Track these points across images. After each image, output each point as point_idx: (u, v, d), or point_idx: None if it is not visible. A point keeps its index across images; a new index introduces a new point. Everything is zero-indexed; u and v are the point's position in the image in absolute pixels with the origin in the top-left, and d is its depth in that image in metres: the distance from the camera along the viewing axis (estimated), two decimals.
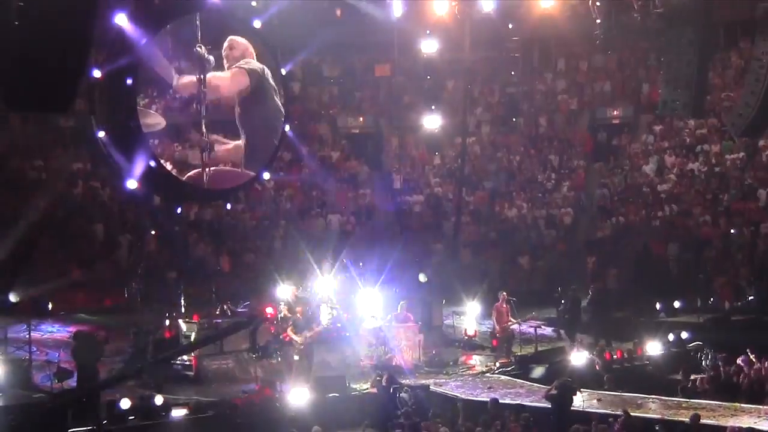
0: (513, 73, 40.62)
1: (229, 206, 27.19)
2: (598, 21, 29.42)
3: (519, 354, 23.82)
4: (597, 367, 22.10)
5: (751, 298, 27.60)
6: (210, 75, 21.36)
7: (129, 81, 19.74)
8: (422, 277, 26.92)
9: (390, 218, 35.15)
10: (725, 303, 27.79)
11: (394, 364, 22.62)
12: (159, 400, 17.79)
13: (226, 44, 21.65)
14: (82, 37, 11.88)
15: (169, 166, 20.97)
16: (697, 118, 34.90)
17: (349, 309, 25.30)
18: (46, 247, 25.68)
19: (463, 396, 19.87)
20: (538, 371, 22.46)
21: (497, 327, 24.03)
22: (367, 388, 20.45)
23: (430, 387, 20.72)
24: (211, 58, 21.33)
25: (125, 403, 17.13)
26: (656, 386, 20.73)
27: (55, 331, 23.66)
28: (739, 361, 20.82)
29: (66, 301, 24.89)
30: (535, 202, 35.53)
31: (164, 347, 21.62)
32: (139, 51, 19.66)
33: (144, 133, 20.28)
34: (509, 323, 23.87)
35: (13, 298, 21.99)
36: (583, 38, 38.21)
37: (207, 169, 21.53)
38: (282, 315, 22.26)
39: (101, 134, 20.18)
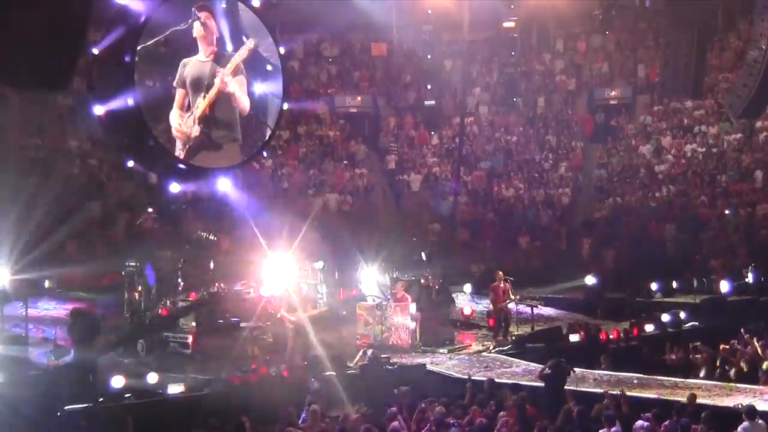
0: (513, 53, 40.65)
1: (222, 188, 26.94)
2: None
3: (516, 333, 23.89)
4: None
5: (748, 278, 27.64)
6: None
7: (127, 58, 19.65)
8: (424, 256, 26.90)
9: (388, 198, 35.20)
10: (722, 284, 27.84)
11: (390, 343, 22.74)
12: (153, 378, 17.76)
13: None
14: (81, 14, 11.84)
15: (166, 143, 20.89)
16: (695, 98, 34.98)
17: (347, 288, 25.37)
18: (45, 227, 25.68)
19: (459, 375, 19.89)
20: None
21: (494, 306, 24.04)
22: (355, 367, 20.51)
23: (427, 366, 20.77)
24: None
25: (117, 381, 17.11)
26: (652, 366, 20.77)
27: (52, 308, 23.68)
28: (734, 341, 20.93)
29: (63, 279, 24.92)
30: (533, 183, 35.55)
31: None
32: (138, 27, 19.55)
33: (142, 111, 20.19)
34: (506, 302, 23.88)
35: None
36: (582, 18, 38.34)
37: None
38: (279, 295, 22.28)
39: (99, 112, 20.10)
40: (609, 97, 38.94)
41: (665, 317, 24.40)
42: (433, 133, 38.45)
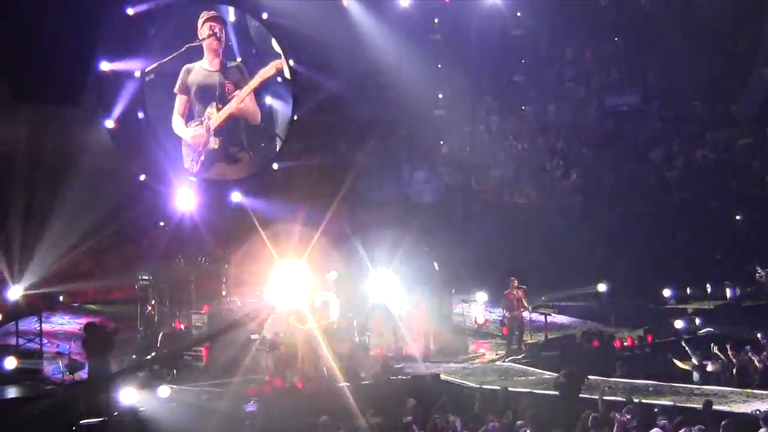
0: (522, 60, 40.58)
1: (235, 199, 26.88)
2: None
3: (529, 342, 23.83)
4: None
5: (763, 282, 27.56)
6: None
7: (137, 73, 19.74)
8: (436, 265, 26.87)
9: (399, 207, 35.14)
10: (736, 289, 27.71)
11: (404, 353, 22.71)
12: (164, 391, 17.69)
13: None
14: (92, 30, 11.91)
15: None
16: (706, 104, 34.91)
17: (360, 298, 25.35)
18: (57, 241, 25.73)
19: (473, 384, 19.85)
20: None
21: (507, 315, 23.98)
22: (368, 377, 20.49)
23: (441, 375, 20.72)
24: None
25: (127, 395, 17.01)
26: (667, 373, 20.69)
27: (65, 322, 23.75)
28: (748, 347, 20.80)
29: (76, 293, 24.94)
30: (544, 190, 35.48)
31: (175, 339, 21.74)
32: (148, 42, 19.63)
33: (152, 125, 20.27)
34: (520, 311, 23.81)
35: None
36: (591, 25, 38.23)
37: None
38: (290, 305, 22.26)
39: (109, 126, 20.18)
40: (619, 103, 38.81)
41: (679, 324, 24.30)
42: (443, 141, 38.42)
